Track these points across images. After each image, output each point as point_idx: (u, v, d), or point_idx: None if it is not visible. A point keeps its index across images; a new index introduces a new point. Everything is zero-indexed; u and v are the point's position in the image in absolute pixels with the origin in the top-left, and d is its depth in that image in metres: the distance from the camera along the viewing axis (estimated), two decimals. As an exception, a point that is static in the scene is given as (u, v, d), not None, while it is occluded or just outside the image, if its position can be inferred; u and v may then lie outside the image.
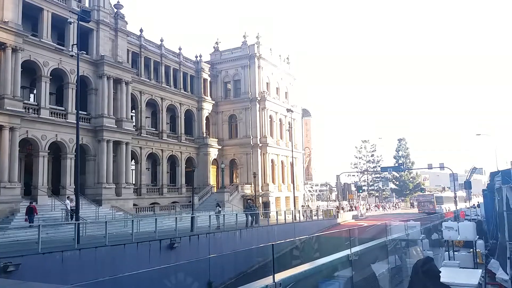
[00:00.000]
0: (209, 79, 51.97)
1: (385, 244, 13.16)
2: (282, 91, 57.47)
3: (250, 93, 50.99)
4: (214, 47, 54.58)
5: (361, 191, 73.97)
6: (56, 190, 31.11)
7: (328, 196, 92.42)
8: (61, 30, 32.52)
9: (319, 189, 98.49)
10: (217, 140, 50.89)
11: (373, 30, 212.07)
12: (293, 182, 49.94)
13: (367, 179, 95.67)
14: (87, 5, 34.96)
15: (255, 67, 51.65)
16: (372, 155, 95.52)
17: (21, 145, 28.34)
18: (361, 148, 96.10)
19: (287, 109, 50.40)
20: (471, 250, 14.76)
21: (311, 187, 78.37)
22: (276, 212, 37.86)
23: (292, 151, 49.76)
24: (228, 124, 52.45)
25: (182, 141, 46.46)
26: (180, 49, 48.12)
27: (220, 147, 50.73)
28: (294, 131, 57.30)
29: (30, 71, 30.44)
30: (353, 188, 72.23)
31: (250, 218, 30.26)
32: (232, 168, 52.25)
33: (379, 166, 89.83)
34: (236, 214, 30.50)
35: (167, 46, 45.99)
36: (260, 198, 48.12)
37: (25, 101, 29.48)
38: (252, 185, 47.64)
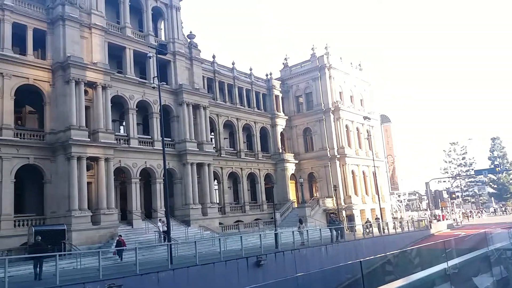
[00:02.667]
0: (280, 95, 52.50)
1: (487, 255, 11.96)
2: (356, 98, 55.96)
3: (323, 105, 50.42)
4: (283, 63, 55.26)
5: (454, 197, 68.37)
6: (148, 213, 33.30)
7: (418, 206, 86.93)
8: (142, 64, 35.30)
9: (408, 198, 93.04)
10: (293, 154, 50.84)
11: (453, 23, 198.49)
12: (377, 192, 47.80)
13: (460, 184, 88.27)
14: (163, 38, 37.61)
15: (326, 77, 51.08)
16: (463, 158, 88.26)
17: (115, 173, 30.90)
18: (450, 151, 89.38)
19: (363, 116, 48.83)
20: None
21: (398, 197, 74.41)
22: (362, 225, 36.41)
23: (373, 160, 47.87)
24: (303, 138, 52.20)
25: (259, 158, 47.20)
26: (251, 69, 49.47)
27: (297, 161, 50.57)
28: (374, 139, 55.21)
29: (118, 105, 33.35)
30: (445, 195, 66.99)
31: (334, 232, 29.42)
32: (311, 182, 51.67)
33: (472, 169, 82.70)
34: (320, 229, 29.86)
35: (238, 68, 47.54)
36: (344, 212, 46.76)
37: (116, 133, 32.25)
38: (334, 199, 46.54)
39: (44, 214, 27.72)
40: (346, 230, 34.83)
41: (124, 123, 34.54)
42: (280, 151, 49.56)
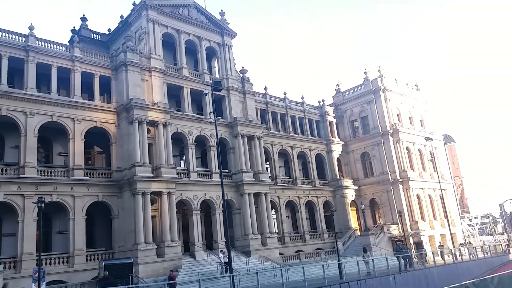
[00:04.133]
0: (334, 120, 51.97)
1: None
2: (416, 119, 53.92)
3: (380, 128, 49.12)
4: (335, 89, 55.06)
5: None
6: (209, 244, 33.77)
7: (492, 229, 79.97)
8: (199, 101, 36.91)
9: (480, 221, 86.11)
10: (352, 180, 49.52)
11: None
12: (446, 217, 44.88)
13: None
14: (217, 75, 39.25)
15: (381, 100, 50.00)
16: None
17: (177, 206, 31.92)
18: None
19: (425, 137, 46.81)
20: None
21: (470, 221, 69.16)
22: (432, 252, 34.17)
23: (439, 182, 45.27)
24: (361, 163, 50.82)
25: (316, 185, 46.49)
26: (302, 98, 49.74)
27: (356, 187, 49.13)
28: (438, 160, 52.46)
29: (178, 141, 34.86)
30: (523, 217, 61.09)
31: (402, 261, 27.91)
32: (373, 208, 49.72)
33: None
34: (386, 258, 28.43)
35: (289, 97, 48.03)
36: (411, 239, 44.21)
37: (177, 167, 33.56)
38: (399, 225, 44.28)
39: (113, 248, 29.14)
40: (415, 258, 32.85)
41: (184, 158, 35.93)
42: (338, 177, 48.50)
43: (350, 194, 48.34)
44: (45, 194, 25.69)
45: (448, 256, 37.44)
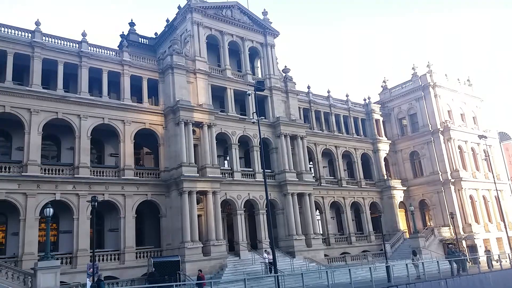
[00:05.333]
0: (381, 119, 50.46)
1: None
2: (468, 116, 51.24)
3: (430, 125, 47.15)
4: (382, 86, 53.49)
5: None
6: (253, 244, 33.94)
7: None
8: (242, 101, 37.19)
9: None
10: (400, 181, 47.87)
11: None
12: (502, 219, 42.26)
13: None
14: (259, 75, 39.35)
15: (430, 97, 47.99)
16: None
17: (222, 206, 32.36)
18: None
19: (478, 135, 44.34)
20: None
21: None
22: (487, 256, 32.28)
23: (495, 183, 42.76)
24: (410, 162, 49.00)
25: (362, 186, 45.37)
26: (347, 95, 48.70)
27: (404, 188, 47.44)
28: (493, 159, 49.58)
29: (222, 141, 35.33)
30: None
31: (455, 265, 26.62)
32: (423, 210, 47.80)
33: None
34: (437, 261, 27.21)
35: (333, 96, 47.18)
36: (464, 242, 42.07)
37: (221, 167, 34.02)
38: (451, 227, 42.28)
39: (161, 246, 30.07)
40: (469, 262, 31.21)
41: (227, 158, 36.36)
42: (385, 177, 47.03)
43: (398, 195, 46.77)
44: (98, 193, 26.94)
45: (506, 261, 35.26)
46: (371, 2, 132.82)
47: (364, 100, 50.43)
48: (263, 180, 23.46)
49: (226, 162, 36.90)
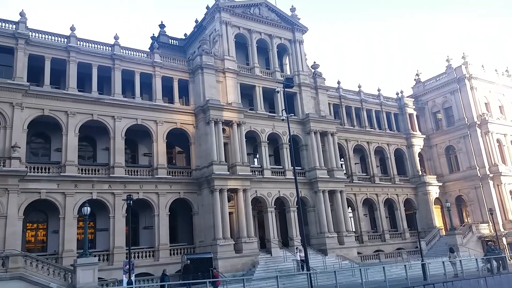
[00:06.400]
0: (414, 113, 49.10)
1: None
2: (507, 108, 49.03)
3: (466, 119, 45.49)
4: (415, 79, 52.06)
5: None
6: (285, 241, 33.91)
7: None
8: (271, 99, 37.14)
9: None
10: (435, 176, 46.45)
11: None
12: (547, 216, 40.20)
13: None
14: (288, 72, 39.16)
15: (466, 89, 46.27)
16: None
17: (252, 203, 32.48)
18: None
19: (518, 128, 42.26)
20: None
21: None
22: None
23: (538, 177, 40.65)
24: (446, 157, 47.44)
25: (396, 182, 44.34)
26: (379, 90, 47.70)
27: (440, 184, 46.00)
28: (535, 153, 47.12)
29: (251, 139, 35.45)
30: None
31: (495, 263, 25.58)
32: (459, 206, 46.20)
33: None
34: (476, 259, 26.26)
35: (364, 91, 46.32)
36: (504, 239, 40.35)
37: (251, 165, 34.17)
38: (490, 224, 40.62)
39: (194, 243, 30.57)
40: (509, 260, 29.92)
41: (257, 155, 36.46)
42: (420, 173, 45.76)
43: (433, 191, 45.42)
44: (132, 192, 27.70)
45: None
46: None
47: (397, 94, 49.23)
48: (294, 177, 23.33)
49: (256, 160, 37.02)
